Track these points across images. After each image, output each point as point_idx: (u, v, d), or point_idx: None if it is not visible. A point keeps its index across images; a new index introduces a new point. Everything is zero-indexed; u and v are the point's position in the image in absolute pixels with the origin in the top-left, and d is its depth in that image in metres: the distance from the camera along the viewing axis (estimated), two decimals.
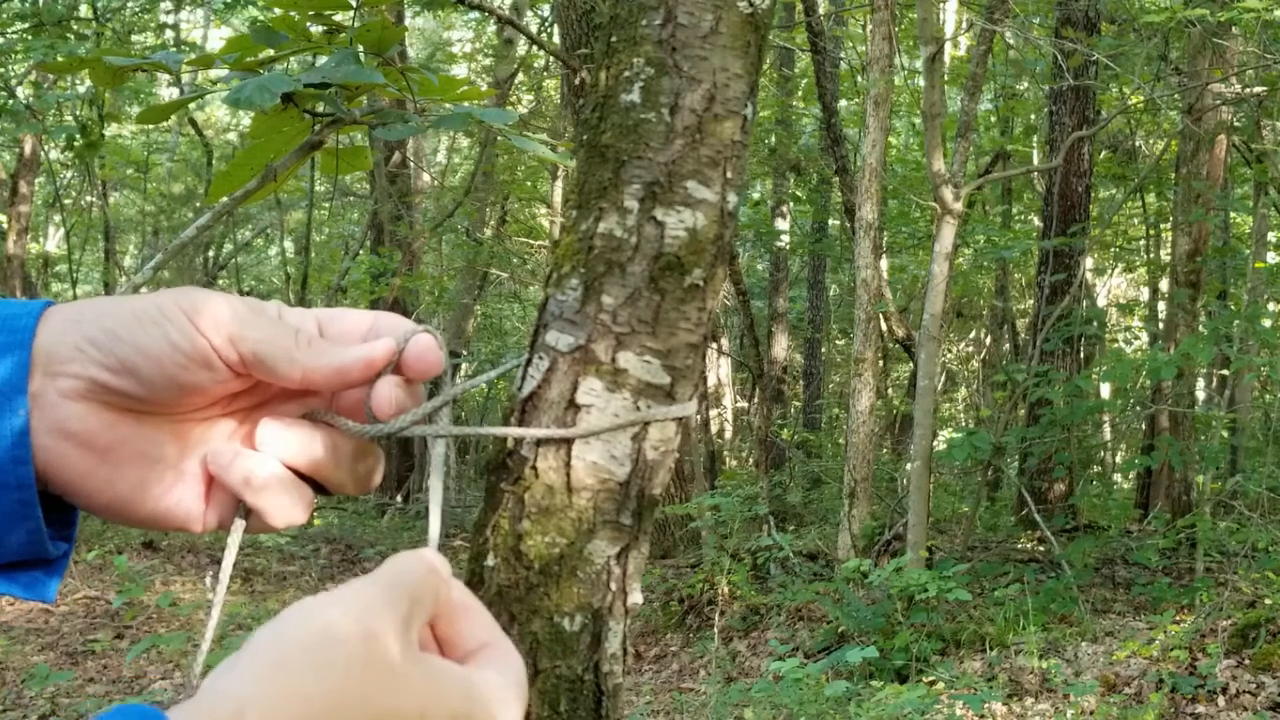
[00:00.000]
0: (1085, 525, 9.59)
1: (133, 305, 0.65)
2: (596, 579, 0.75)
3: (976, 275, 15.03)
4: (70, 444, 0.64)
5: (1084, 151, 10.05)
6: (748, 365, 12.31)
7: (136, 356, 0.64)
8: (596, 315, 0.76)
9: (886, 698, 5.10)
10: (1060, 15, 10.07)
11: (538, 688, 0.74)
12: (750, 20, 0.80)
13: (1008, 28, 9.27)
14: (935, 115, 7.42)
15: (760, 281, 18.55)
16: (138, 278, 1.72)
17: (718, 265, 0.79)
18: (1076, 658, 6.11)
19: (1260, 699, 5.34)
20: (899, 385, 16.64)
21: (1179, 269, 9.46)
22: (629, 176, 0.77)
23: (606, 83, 0.80)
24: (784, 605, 7.68)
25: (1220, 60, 8.45)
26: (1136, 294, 18.14)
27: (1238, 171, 11.63)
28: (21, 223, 13.05)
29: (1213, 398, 12.92)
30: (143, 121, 1.63)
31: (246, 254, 19.72)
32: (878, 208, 8.82)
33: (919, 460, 7.41)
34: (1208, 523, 7.59)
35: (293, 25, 1.49)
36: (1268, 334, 7.45)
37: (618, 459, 0.76)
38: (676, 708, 6.36)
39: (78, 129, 8.58)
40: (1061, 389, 8.48)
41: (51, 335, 0.64)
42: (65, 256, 15.98)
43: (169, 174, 18.29)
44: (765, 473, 10.01)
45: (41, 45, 8.06)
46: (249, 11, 12.19)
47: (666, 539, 10.01)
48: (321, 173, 11.99)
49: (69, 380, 0.64)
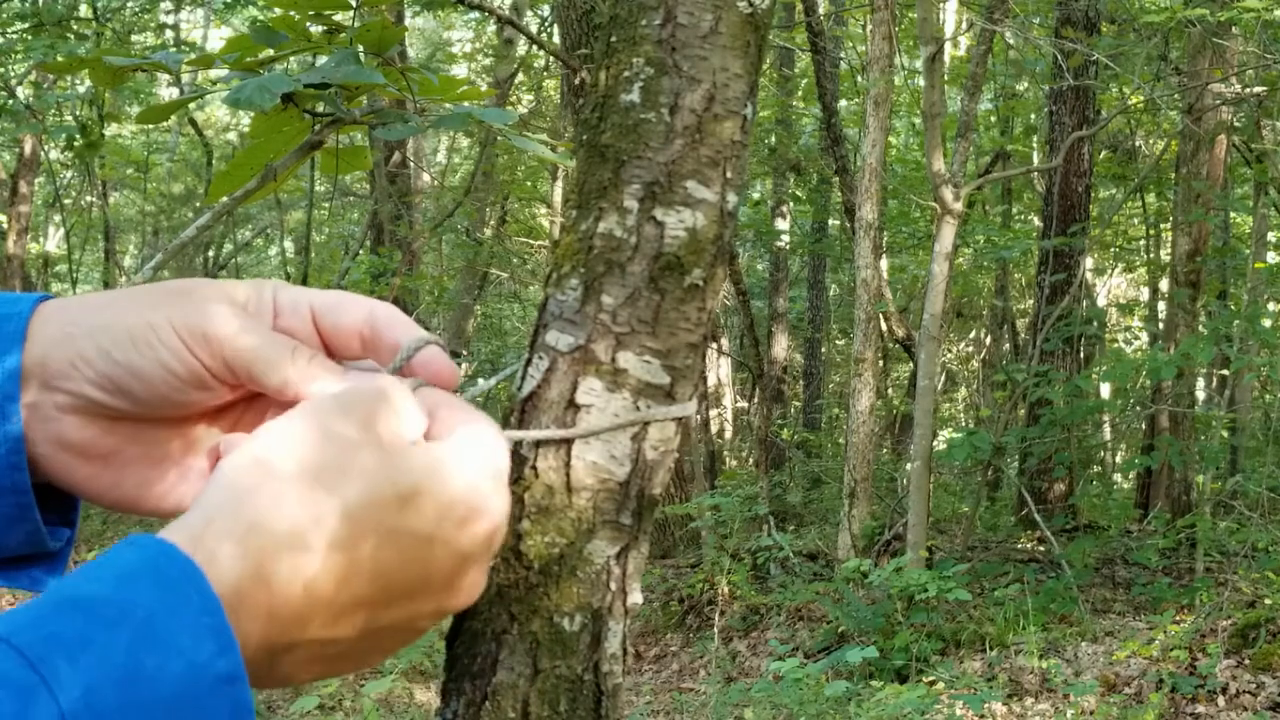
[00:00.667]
0: (1085, 525, 9.59)
1: (127, 320, 0.64)
2: (596, 579, 0.75)
3: (976, 275, 15.03)
4: (70, 454, 0.64)
5: (1084, 151, 10.05)
6: (748, 365, 12.31)
7: (129, 379, 0.63)
8: (596, 315, 0.76)
9: (886, 698, 5.11)
10: (1060, 15, 10.07)
11: (537, 688, 0.74)
12: (750, 20, 0.80)
13: (1008, 28, 9.27)
14: (935, 115, 7.42)
15: (760, 281, 18.55)
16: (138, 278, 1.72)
17: (718, 265, 0.79)
18: (1076, 658, 6.11)
19: (1260, 699, 5.34)
20: (899, 385, 16.64)
21: (1179, 269, 9.46)
22: (629, 176, 0.77)
23: (606, 83, 0.80)
24: (784, 605, 7.69)
25: (1220, 60, 8.45)
26: (1136, 294, 18.14)
27: (1238, 171, 11.63)
28: (21, 223, 13.05)
29: (1213, 398, 12.92)
30: (143, 121, 1.63)
31: (246, 254, 19.72)
32: (878, 208, 8.83)
33: (919, 460, 7.41)
34: (1208, 523, 7.59)
35: (293, 25, 1.49)
36: (1268, 334, 7.45)
37: (617, 459, 0.76)
38: (676, 708, 6.36)
39: (78, 129, 8.58)
40: (1061, 389, 8.48)
41: (46, 345, 0.63)
42: (65, 256, 15.98)
43: (169, 174, 18.29)
44: (765, 473, 10.01)
45: (41, 45, 8.06)
46: (249, 11, 12.19)
47: (666, 539, 10.01)
48: (321, 173, 11.99)
49: (64, 396, 0.63)
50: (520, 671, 0.74)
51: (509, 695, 0.73)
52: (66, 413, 0.64)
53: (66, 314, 0.64)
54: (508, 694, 0.73)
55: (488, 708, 0.73)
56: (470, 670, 0.74)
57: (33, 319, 0.64)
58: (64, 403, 0.63)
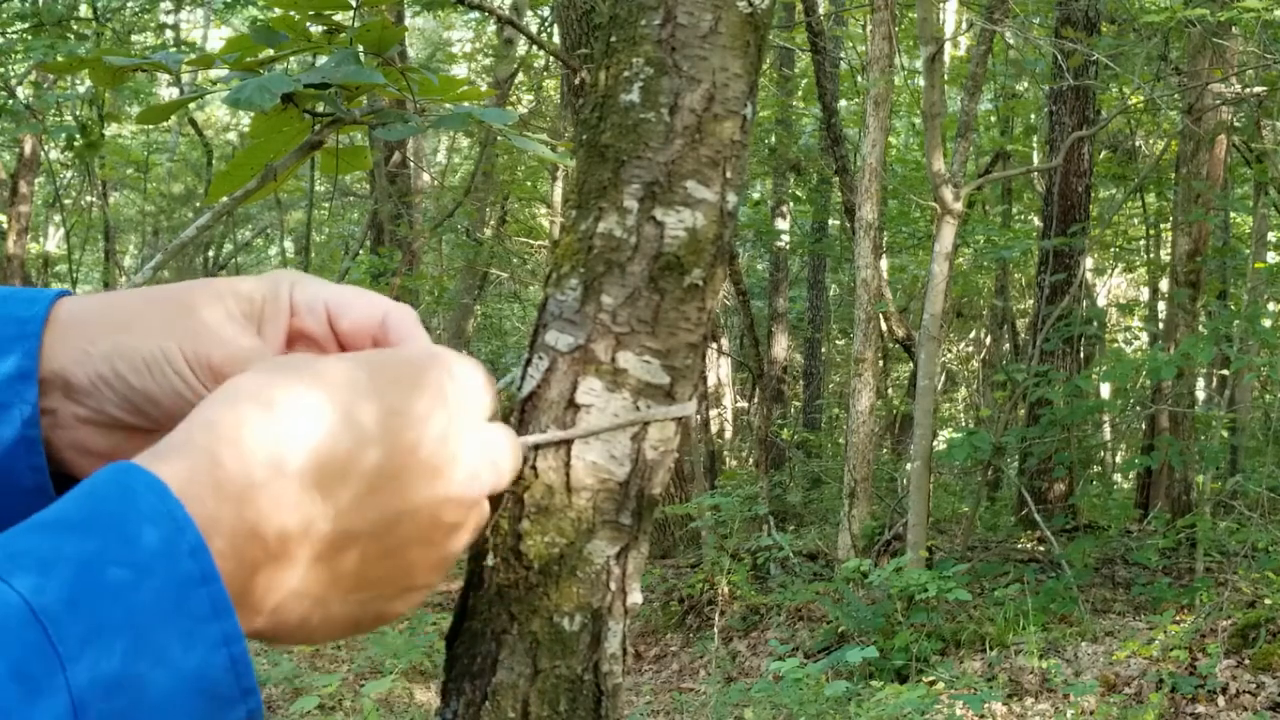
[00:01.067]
0: (1085, 525, 9.59)
1: (143, 347, 0.64)
2: (596, 579, 0.75)
3: (976, 275, 15.03)
4: (92, 459, 0.65)
5: (1084, 151, 10.05)
6: (748, 365, 12.31)
7: (146, 403, 0.64)
8: (596, 315, 0.76)
9: (886, 698, 5.11)
10: (1060, 15, 10.07)
11: (537, 688, 0.74)
12: (750, 20, 0.80)
13: (1008, 28, 9.27)
14: (935, 115, 7.42)
15: (760, 281, 18.55)
16: (138, 278, 1.72)
17: (718, 265, 0.79)
18: (1076, 658, 6.11)
19: (1260, 699, 5.34)
20: (899, 385, 16.64)
21: (1179, 269, 9.46)
22: (628, 176, 0.77)
23: (606, 83, 0.80)
24: (784, 605, 7.69)
25: (1220, 60, 8.45)
26: (1136, 294, 18.13)
27: (1238, 171, 11.63)
28: (21, 223, 13.05)
29: (1213, 398, 12.92)
30: (143, 121, 1.63)
31: (246, 254, 19.72)
32: (878, 208, 8.83)
33: (919, 460, 7.41)
34: (1208, 523, 7.59)
35: (293, 25, 1.49)
36: (1268, 334, 7.45)
37: (617, 459, 0.76)
38: (676, 708, 6.36)
39: (78, 129, 8.58)
40: (1061, 389, 8.48)
41: (68, 356, 0.63)
42: (65, 256, 15.97)
43: (169, 174, 18.29)
44: (765, 473, 10.01)
45: (41, 45, 8.06)
46: (249, 11, 12.19)
47: (666, 539, 10.01)
48: (321, 173, 11.99)
49: (86, 410, 0.64)
50: (520, 671, 0.74)
51: (509, 695, 0.73)
52: (87, 424, 0.64)
53: (85, 331, 0.64)
54: (508, 694, 0.73)
55: (488, 708, 0.73)
56: (470, 670, 0.74)
57: (49, 325, 0.64)
58: (85, 415, 0.64)
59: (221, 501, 0.52)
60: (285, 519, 0.54)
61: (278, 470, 0.54)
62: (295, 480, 0.54)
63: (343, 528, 0.57)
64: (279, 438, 0.55)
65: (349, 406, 0.57)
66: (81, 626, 0.46)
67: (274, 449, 0.54)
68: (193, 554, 0.49)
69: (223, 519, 0.52)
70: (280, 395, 0.56)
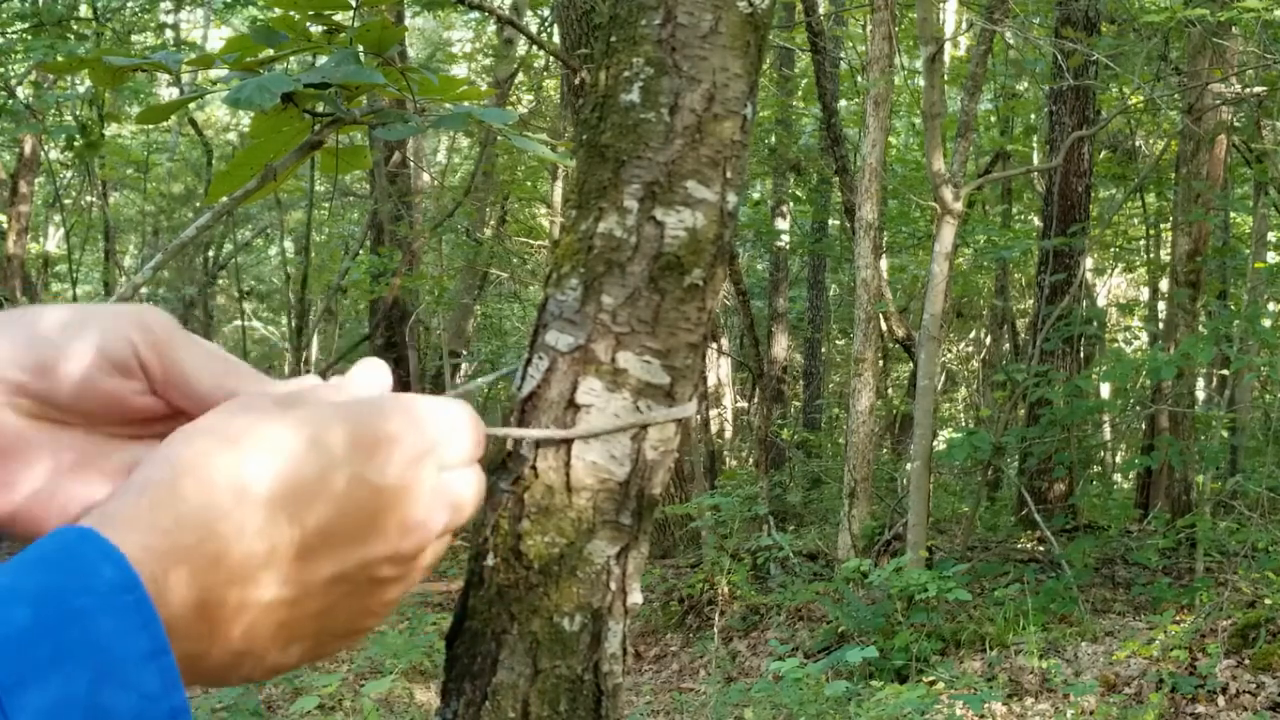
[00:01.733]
0: (1085, 525, 9.58)
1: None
2: (596, 579, 0.75)
3: (976, 275, 15.03)
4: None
5: (1084, 151, 10.05)
6: (748, 365, 12.31)
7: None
8: (596, 315, 0.76)
9: (886, 698, 5.10)
10: (1060, 15, 10.07)
11: (537, 687, 0.74)
12: (750, 20, 0.80)
13: (1008, 28, 9.27)
14: (935, 115, 7.41)
15: (760, 281, 18.55)
16: (138, 278, 1.72)
17: (717, 265, 0.79)
18: (1076, 658, 6.11)
19: (1260, 699, 5.34)
20: (899, 385, 16.64)
21: (1179, 269, 9.46)
22: (629, 176, 0.77)
23: (606, 83, 0.80)
24: (784, 605, 7.69)
25: (1220, 60, 8.45)
26: (1136, 294, 18.13)
27: (1238, 171, 11.63)
28: (21, 223, 13.06)
29: (1213, 398, 12.91)
30: (143, 121, 1.63)
31: (246, 254, 19.71)
32: (878, 208, 8.83)
33: (919, 460, 7.41)
34: (1208, 523, 7.59)
35: (293, 25, 1.49)
36: (1268, 334, 7.45)
37: (617, 459, 0.76)
38: (676, 708, 6.36)
39: (78, 129, 8.58)
40: (1061, 389, 8.47)
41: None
42: (65, 256, 15.97)
43: (169, 174, 18.29)
44: (765, 473, 10.01)
45: (41, 45, 8.06)
46: (249, 11, 12.19)
47: (666, 539, 10.01)
48: (321, 173, 12.00)
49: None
50: (520, 671, 0.73)
51: (509, 695, 0.73)
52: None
53: None
54: (508, 694, 0.73)
55: (488, 707, 0.73)
56: (470, 670, 0.74)
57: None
58: None
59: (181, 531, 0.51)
60: (250, 546, 0.53)
61: (241, 497, 0.53)
62: (261, 507, 0.53)
63: (306, 555, 0.55)
64: (241, 465, 0.53)
65: (314, 438, 0.55)
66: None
67: (237, 477, 0.53)
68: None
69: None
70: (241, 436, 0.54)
